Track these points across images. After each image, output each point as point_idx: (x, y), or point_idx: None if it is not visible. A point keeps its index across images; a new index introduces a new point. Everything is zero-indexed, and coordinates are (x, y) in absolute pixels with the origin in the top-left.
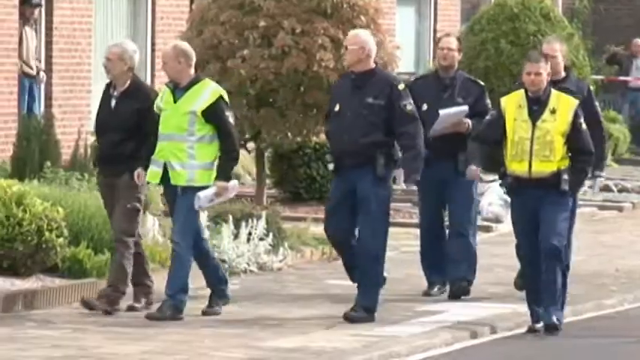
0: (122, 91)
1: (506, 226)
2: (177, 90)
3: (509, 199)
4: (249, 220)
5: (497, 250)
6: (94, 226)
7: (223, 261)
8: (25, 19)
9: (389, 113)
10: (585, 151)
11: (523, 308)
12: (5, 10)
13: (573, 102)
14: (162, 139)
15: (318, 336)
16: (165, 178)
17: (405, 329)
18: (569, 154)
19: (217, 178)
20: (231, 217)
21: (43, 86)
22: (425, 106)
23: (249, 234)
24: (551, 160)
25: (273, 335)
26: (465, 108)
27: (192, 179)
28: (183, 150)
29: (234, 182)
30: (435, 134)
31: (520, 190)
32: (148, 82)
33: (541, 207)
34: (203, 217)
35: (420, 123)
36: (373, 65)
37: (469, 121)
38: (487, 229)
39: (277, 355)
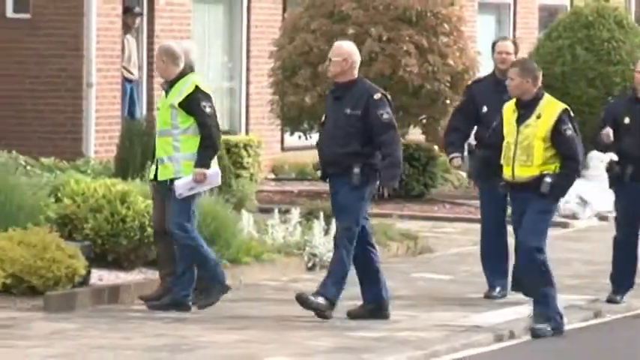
0: None
1: (583, 223)
2: (168, 87)
3: (585, 197)
4: None
5: (573, 245)
6: None
7: (314, 255)
8: (127, 27)
9: (365, 123)
10: (570, 157)
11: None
12: (108, 19)
13: (559, 107)
14: (157, 136)
15: (403, 325)
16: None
17: (487, 319)
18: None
19: (195, 165)
20: (322, 214)
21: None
22: (485, 108)
23: None
24: (528, 164)
25: (360, 325)
26: None
27: (178, 171)
28: (170, 143)
29: (214, 170)
30: None
31: (511, 193)
32: (244, 87)
33: (526, 210)
34: (295, 214)
35: (397, 131)
36: (355, 76)
37: None
38: (564, 225)
39: (364, 344)
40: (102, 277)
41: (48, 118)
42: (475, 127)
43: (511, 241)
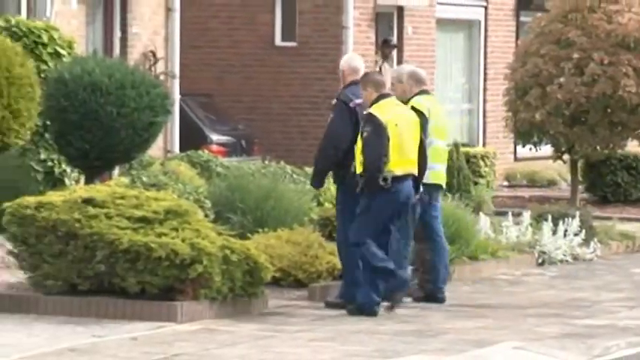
0: None
1: None
2: None
3: None
4: (565, 219)
5: None
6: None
7: (544, 252)
8: (384, 56)
9: None
10: (363, 156)
11: None
12: (364, 47)
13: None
14: None
15: (623, 315)
16: None
17: None
18: None
19: None
20: (550, 217)
21: None
22: None
23: (565, 230)
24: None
25: (585, 314)
26: None
27: None
28: None
29: None
30: None
31: None
32: (481, 105)
33: None
34: (526, 216)
35: (329, 136)
36: (346, 82)
37: None
38: None
39: (588, 331)
40: None
41: (310, 132)
42: None
43: None
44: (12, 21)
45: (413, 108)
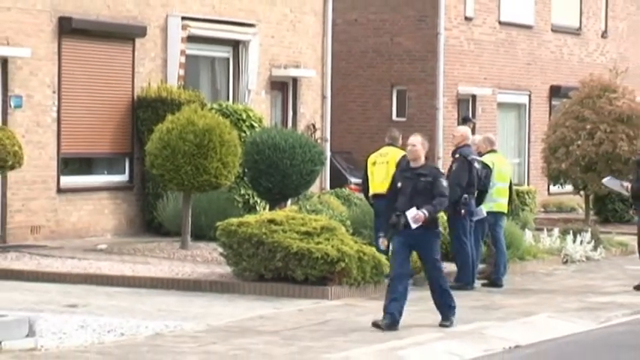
0: None
1: None
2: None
3: None
4: (582, 233)
5: None
6: None
7: (567, 255)
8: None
9: None
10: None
11: None
12: (450, 121)
13: None
14: None
15: (620, 296)
16: None
17: None
18: None
19: None
20: (571, 231)
21: None
22: None
23: (581, 240)
24: None
25: (595, 295)
26: None
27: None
28: None
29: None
30: None
31: None
32: (526, 158)
33: None
34: (556, 231)
35: (455, 178)
36: (463, 144)
37: None
38: None
39: (597, 306)
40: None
41: None
42: None
43: None
44: (223, 105)
45: (483, 162)
